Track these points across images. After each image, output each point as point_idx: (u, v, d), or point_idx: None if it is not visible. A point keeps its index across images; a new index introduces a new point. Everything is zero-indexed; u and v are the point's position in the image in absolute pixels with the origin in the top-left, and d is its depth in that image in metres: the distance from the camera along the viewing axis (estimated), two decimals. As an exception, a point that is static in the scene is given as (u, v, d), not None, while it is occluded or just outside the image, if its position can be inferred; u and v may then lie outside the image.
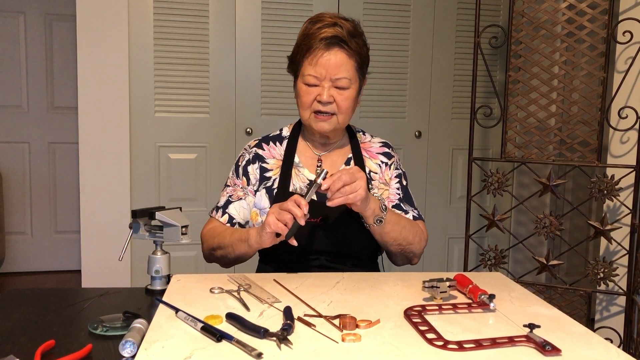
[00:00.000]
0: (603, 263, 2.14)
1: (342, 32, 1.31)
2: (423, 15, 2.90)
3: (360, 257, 1.42)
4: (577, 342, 0.92)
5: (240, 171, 1.46)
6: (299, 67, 1.37)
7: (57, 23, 3.72)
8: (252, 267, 1.54)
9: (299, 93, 1.37)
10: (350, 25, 1.34)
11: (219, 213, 1.44)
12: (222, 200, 1.46)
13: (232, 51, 2.72)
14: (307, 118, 1.38)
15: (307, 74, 1.34)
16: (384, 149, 1.51)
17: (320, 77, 1.33)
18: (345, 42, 1.32)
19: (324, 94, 1.33)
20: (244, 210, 1.43)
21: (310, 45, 1.32)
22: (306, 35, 1.34)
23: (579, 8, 2.10)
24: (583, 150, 2.15)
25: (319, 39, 1.31)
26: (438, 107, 2.98)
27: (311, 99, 1.35)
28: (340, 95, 1.34)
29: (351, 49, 1.33)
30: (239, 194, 1.44)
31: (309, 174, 1.43)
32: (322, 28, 1.32)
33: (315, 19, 1.36)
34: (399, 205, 1.45)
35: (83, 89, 2.59)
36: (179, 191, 2.73)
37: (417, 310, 1.03)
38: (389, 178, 1.47)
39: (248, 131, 2.76)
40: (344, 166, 1.45)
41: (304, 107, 1.37)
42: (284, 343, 0.87)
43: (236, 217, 1.43)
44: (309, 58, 1.33)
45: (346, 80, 1.33)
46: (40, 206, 3.82)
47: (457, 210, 3.00)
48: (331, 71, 1.32)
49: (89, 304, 1.13)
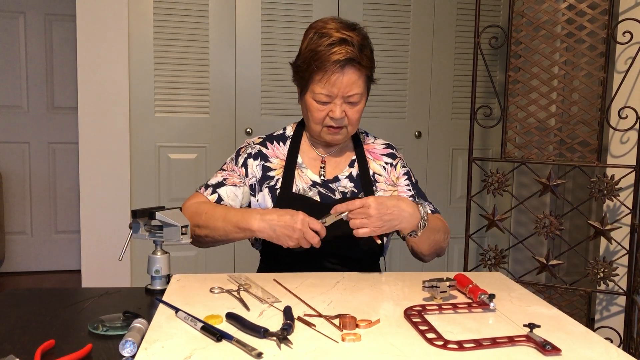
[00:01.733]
0: (603, 263, 2.14)
1: (353, 51, 1.27)
2: (423, 15, 2.90)
3: (362, 260, 1.41)
4: (577, 342, 0.92)
5: (240, 161, 1.44)
6: (308, 83, 1.33)
7: (57, 23, 3.72)
8: (252, 267, 1.54)
9: (310, 109, 1.35)
10: (359, 37, 1.30)
11: (209, 190, 1.40)
12: (214, 180, 1.42)
13: (232, 51, 2.72)
14: (318, 131, 1.38)
15: (318, 92, 1.31)
16: (388, 150, 1.50)
17: (333, 95, 1.31)
18: (357, 61, 1.29)
19: (336, 110, 1.32)
20: (235, 197, 1.40)
21: (322, 67, 1.28)
22: (316, 52, 1.29)
23: (579, 8, 2.10)
24: (583, 150, 2.15)
25: (331, 61, 1.27)
26: (438, 107, 2.98)
27: (323, 115, 1.34)
28: (351, 109, 1.34)
29: (363, 66, 1.30)
30: (235, 180, 1.41)
31: (312, 174, 1.42)
32: (333, 47, 1.27)
33: (321, 30, 1.31)
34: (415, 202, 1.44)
35: (83, 89, 2.59)
36: (179, 191, 2.73)
37: (417, 310, 1.03)
38: (397, 177, 1.47)
39: (248, 131, 2.76)
40: (347, 168, 1.44)
41: (315, 122, 1.36)
42: (284, 343, 0.87)
43: (225, 200, 1.38)
44: (321, 79, 1.29)
45: (358, 95, 1.32)
46: (40, 206, 3.82)
47: (457, 210, 3.00)
48: (344, 90, 1.30)
49: (89, 304, 1.13)
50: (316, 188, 1.41)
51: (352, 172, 1.44)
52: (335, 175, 1.43)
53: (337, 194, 1.41)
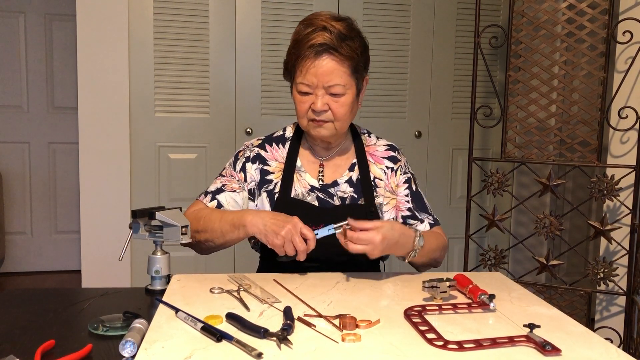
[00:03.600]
0: (603, 263, 2.14)
1: (330, 38, 1.25)
2: (423, 15, 2.90)
3: (362, 266, 1.39)
4: (577, 342, 0.92)
5: (239, 166, 1.42)
6: (293, 74, 1.32)
7: (57, 23, 3.72)
8: (252, 268, 1.54)
9: (295, 101, 1.34)
10: (342, 27, 1.27)
11: (208, 198, 1.39)
12: (214, 186, 1.41)
13: (232, 51, 2.72)
14: (305, 125, 1.35)
15: (299, 82, 1.29)
16: (390, 152, 1.46)
17: (313, 86, 1.28)
18: (334, 48, 1.25)
19: (317, 102, 1.28)
20: (234, 202, 1.39)
21: (299, 54, 1.28)
22: (297, 41, 1.29)
23: (579, 8, 2.10)
24: (583, 150, 2.15)
25: (307, 46, 1.26)
26: (438, 107, 2.98)
27: (306, 107, 1.31)
28: (335, 102, 1.29)
29: (342, 55, 1.26)
30: (234, 186, 1.40)
31: (310, 179, 1.40)
32: (311, 34, 1.26)
33: (308, 21, 1.30)
34: (413, 215, 1.42)
35: (83, 89, 2.59)
36: (179, 191, 2.73)
37: (417, 310, 1.03)
38: (396, 185, 1.44)
39: (248, 131, 2.76)
40: (347, 172, 1.42)
41: (300, 115, 1.34)
42: (284, 343, 0.87)
43: (225, 206, 1.38)
44: (299, 67, 1.28)
45: (339, 87, 1.28)
46: (40, 206, 3.82)
47: (457, 210, 3.00)
48: (322, 79, 1.27)
49: (89, 304, 1.13)
50: (314, 193, 1.39)
51: (352, 177, 1.41)
52: (334, 179, 1.41)
53: (335, 199, 1.39)
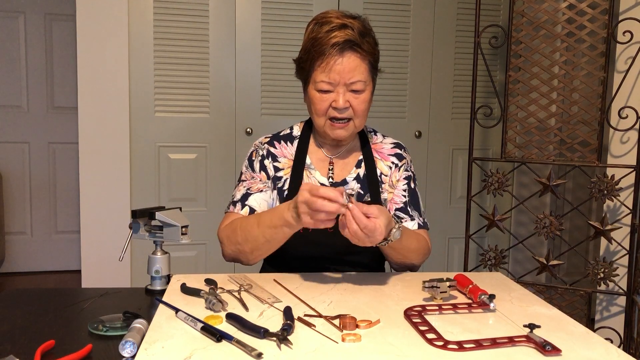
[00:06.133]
0: (603, 263, 2.14)
1: (353, 35, 1.25)
2: (423, 15, 2.90)
3: (368, 265, 1.40)
4: (577, 342, 0.92)
5: (257, 165, 1.41)
6: (310, 73, 1.31)
7: (57, 23, 3.72)
8: (255, 268, 1.54)
9: (313, 100, 1.31)
10: (360, 24, 1.29)
11: (238, 207, 1.35)
12: (239, 194, 1.38)
13: (232, 51, 2.72)
14: (322, 125, 1.34)
15: (319, 80, 1.28)
16: (396, 150, 1.47)
17: (335, 83, 1.27)
18: (358, 44, 1.26)
19: (339, 99, 1.27)
20: (265, 203, 1.36)
21: (321, 52, 1.26)
22: (315, 39, 1.28)
23: (579, 8, 2.10)
24: (583, 150, 2.15)
25: (330, 44, 1.25)
26: (438, 107, 2.98)
27: (326, 105, 1.30)
28: (356, 99, 1.29)
29: (364, 51, 1.28)
30: (259, 186, 1.38)
31: (320, 176, 1.40)
32: (332, 32, 1.25)
33: (322, 20, 1.30)
34: (405, 209, 1.41)
35: (83, 89, 2.59)
36: (179, 191, 2.73)
37: (417, 310, 1.03)
38: (396, 180, 1.44)
39: (248, 131, 2.76)
40: (355, 169, 1.42)
41: (318, 114, 1.32)
42: (284, 343, 0.87)
43: (257, 209, 1.33)
44: (321, 65, 1.27)
45: (361, 83, 1.28)
46: (40, 206, 3.82)
47: (457, 210, 3.00)
48: (345, 76, 1.26)
49: (89, 304, 1.13)
50: None
51: (359, 173, 1.42)
52: (343, 177, 1.41)
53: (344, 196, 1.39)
